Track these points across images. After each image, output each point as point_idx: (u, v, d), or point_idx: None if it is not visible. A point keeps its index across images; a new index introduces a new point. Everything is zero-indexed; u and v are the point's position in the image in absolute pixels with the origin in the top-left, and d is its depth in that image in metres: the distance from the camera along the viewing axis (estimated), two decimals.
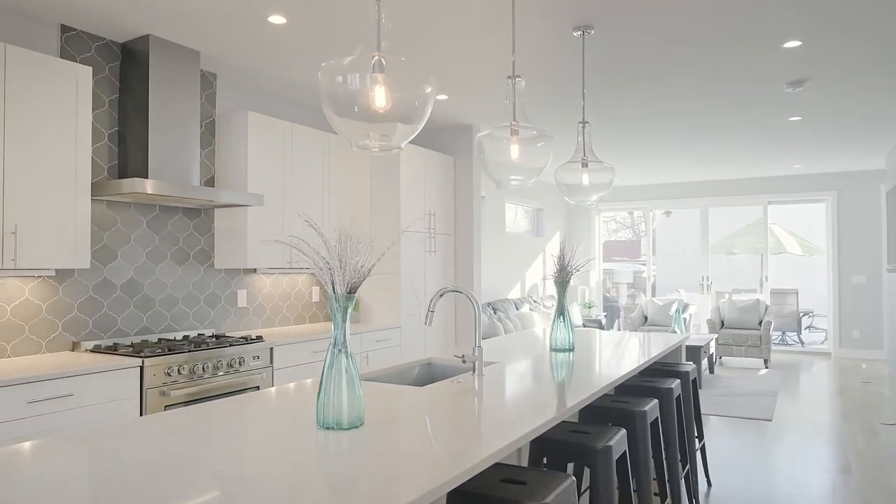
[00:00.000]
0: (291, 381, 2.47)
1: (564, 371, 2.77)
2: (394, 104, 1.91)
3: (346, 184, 5.06)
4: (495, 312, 7.25)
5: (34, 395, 2.76)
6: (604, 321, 8.84)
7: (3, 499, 1.26)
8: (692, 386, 3.55)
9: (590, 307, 9.08)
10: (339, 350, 1.86)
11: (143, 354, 3.25)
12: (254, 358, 3.82)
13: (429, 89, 1.95)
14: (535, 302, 8.18)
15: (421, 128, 2.02)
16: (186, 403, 3.36)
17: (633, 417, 2.60)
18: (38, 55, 3.08)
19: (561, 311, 3.47)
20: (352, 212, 5.14)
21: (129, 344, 3.62)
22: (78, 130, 3.25)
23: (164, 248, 4.03)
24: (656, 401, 2.81)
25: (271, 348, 3.96)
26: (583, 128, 3.50)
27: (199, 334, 4.09)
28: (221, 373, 3.60)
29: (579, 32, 3.55)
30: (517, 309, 7.69)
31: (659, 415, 3.03)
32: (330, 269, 1.85)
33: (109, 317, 3.70)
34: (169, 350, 3.40)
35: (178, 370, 3.36)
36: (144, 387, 3.20)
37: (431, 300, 2.77)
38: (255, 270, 4.66)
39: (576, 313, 8.57)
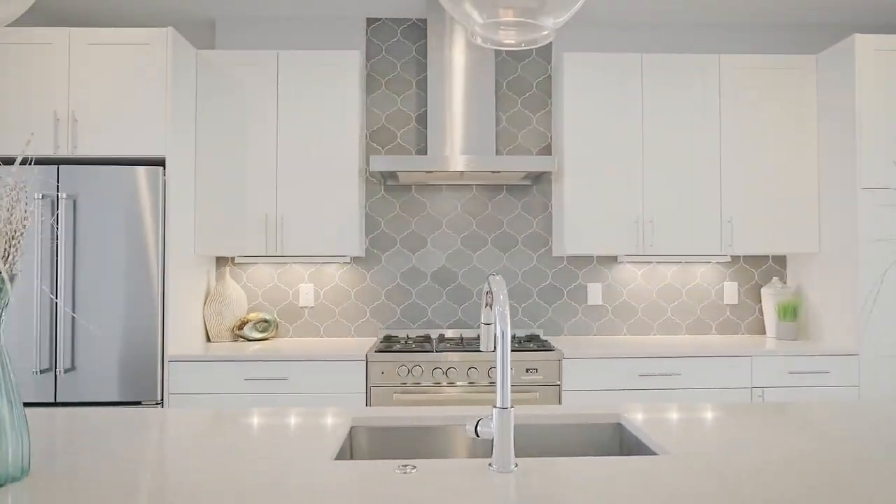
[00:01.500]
0: (584, 407, 1.58)
1: None
2: None
3: (760, 121, 3.28)
4: None
5: (254, 374, 2.90)
6: None
7: None
8: None
9: None
10: None
11: (389, 349, 2.97)
12: (527, 371, 2.92)
13: None
14: None
15: None
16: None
17: None
18: (307, 53, 3.23)
19: None
20: (781, 161, 3.28)
21: (420, 336, 3.35)
22: (346, 117, 3.24)
23: (484, 232, 3.57)
24: None
25: (560, 361, 2.94)
26: None
27: (514, 335, 3.43)
28: (480, 383, 2.90)
29: None
30: None
31: None
32: None
33: (418, 307, 3.54)
34: (471, 347, 2.98)
35: (410, 371, 2.90)
36: (369, 384, 2.91)
37: (485, 308, 1.48)
38: (615, 259, 3.57)
39: None
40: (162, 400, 2.88)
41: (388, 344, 3.06)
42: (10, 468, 1.16)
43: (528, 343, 3.09)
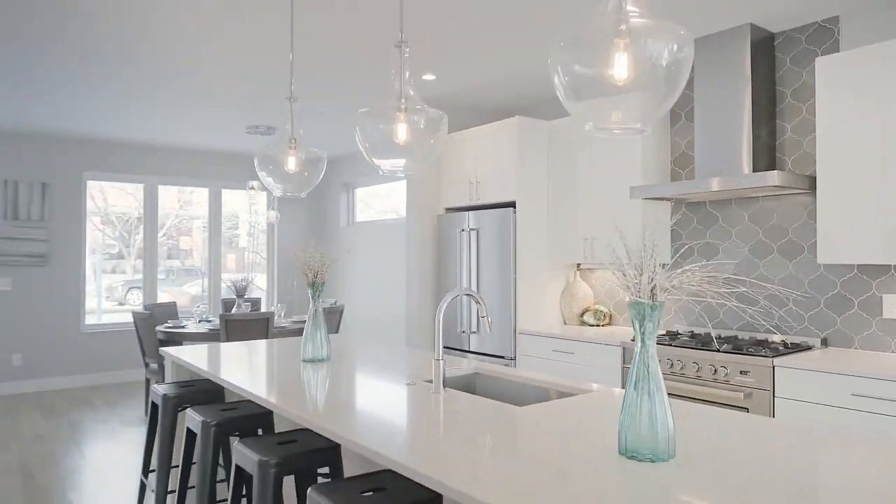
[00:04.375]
0: (797, 420, 1.99)
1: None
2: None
3: None
4: None
5: (556, 347, 4.16)
6: None
7: None
8: None
9: None
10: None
11: (670, 343, 3.76)
12: (741, 373, 3.18)
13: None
14: None
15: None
16: None
17: None
18: None
19: None
20: None
21: (696, 332, 3.81)
22: (630, 153, 4.07)
23: (770, 241, 3.69)
24: None
25: (773, 367, 3.07)
26: None
27: (784, 342, 3.46)
28: (704, 377, 3.36)
29: None
30: None
31: None
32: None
33: (712, 308, 3.96)
34: (702, 345, 3.62)
35: None
36: (623, 366, 3.74)
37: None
38: None
39: None
40: (514, 357, 4.50)
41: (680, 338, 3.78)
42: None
43: (758, 348, 3.27)
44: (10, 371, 6.58)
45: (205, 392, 3.09)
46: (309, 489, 1.75)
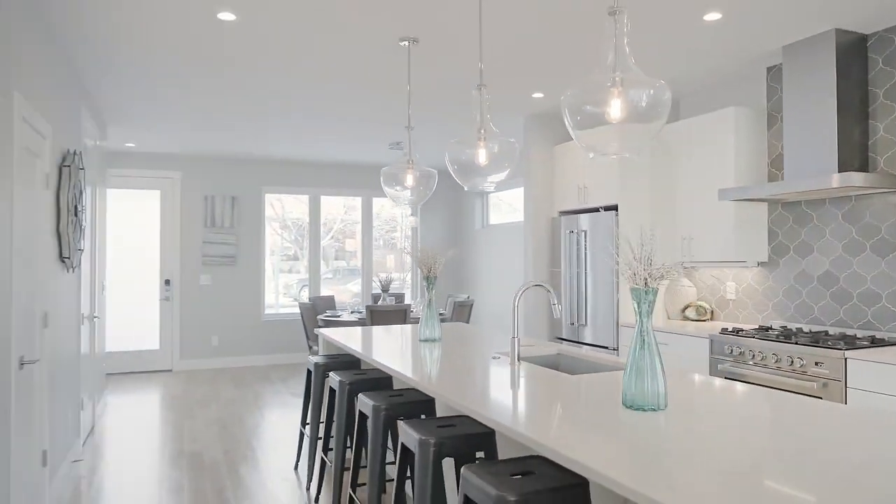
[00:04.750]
0: (865, 408, 2.24)
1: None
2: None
3: None
4: None
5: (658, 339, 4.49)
6: None
7: None
8: None
9: None
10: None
11: (725, 332, 4.04)
12: (816, 364, 3.37)
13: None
14: None
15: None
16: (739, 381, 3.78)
17: None
18: (692, 119, 4.48)
19: None
20: None
21: (786, 327, 3.97)
22: (725, 158, 4.31)
23: (863, 239, 3.77)
24: None
25: (844, 360, 3.24)
26: None
27: (872, 337, 3.55)
28: (782, 368, 3.58)
29: None
30: None
31: None
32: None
33: (807, 305, 4.08)
34: (784, 338, 3.86)
35: (732, 350, 3.85)
36: (710, 355, 4.02)
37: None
38: None
39: None
40: (617, 348, 4.90)
41: (739, 330, 4.03)
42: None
43: (836, 342, 3.43)
44: (211, 349, 8.11)
45: (345, 362, 3.92)
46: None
